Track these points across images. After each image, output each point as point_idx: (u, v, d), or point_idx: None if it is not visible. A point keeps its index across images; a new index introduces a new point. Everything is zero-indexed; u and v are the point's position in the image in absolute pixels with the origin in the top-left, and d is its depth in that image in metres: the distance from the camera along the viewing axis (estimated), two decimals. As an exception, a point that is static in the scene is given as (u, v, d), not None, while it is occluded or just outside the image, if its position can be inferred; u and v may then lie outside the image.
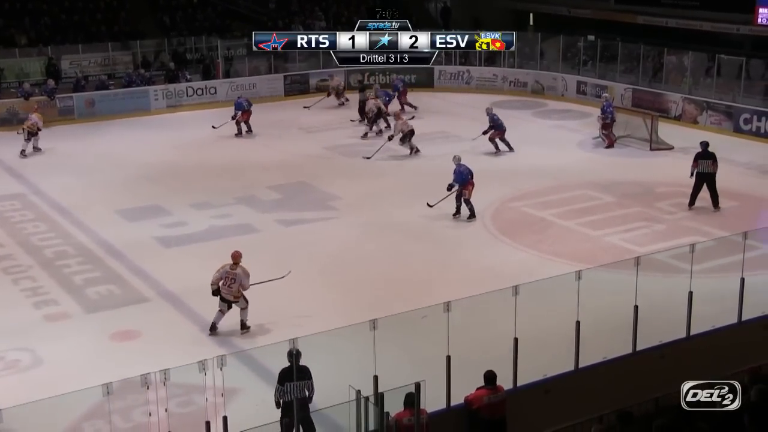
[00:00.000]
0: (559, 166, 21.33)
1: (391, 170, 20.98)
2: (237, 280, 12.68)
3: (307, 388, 9.55)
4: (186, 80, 28.60)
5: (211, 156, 22.61)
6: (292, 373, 9.41)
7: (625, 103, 26.90)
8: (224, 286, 12.70)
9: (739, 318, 11.60)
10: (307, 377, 9.57)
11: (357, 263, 15.65)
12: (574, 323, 10.39)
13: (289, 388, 9.47)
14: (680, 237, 16.07)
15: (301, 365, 9.55)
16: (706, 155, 18.00)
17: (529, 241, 16.53)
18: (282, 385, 9.53)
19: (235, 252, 12.98)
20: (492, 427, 9.52)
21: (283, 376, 9.52)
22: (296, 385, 9.47)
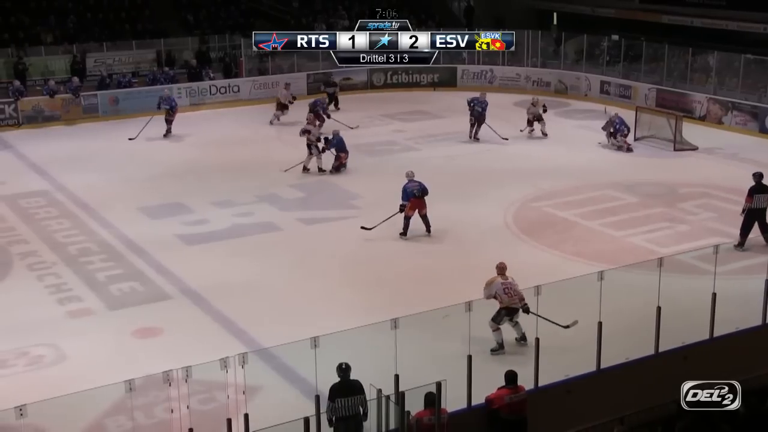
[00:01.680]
0: (581, 166, 21.24)
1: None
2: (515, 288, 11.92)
3: (360, 404, 9.15)
4: (209, 78, 28.72)
5: (234, 154, 22.69)
6: (342, 389, 9.15)
7: (649, 103, 26.74)
8: (509, 297, 11.90)
9: (764, 320, 11.51)
10: (358, 392, 9.17)
11: (378, 262, 15.66)
12: (597, 324, 10.35)
13: (340, 404, 9.07)
14: (704, 238, 15.95)
15: (353, 380, 9.23)
16: (761, 189, 15.80)
17: (552, 241, 16.46)
18: (333, 401, 9.08)
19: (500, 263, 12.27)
20: (513, 427, 9.50)
21: (334, 391, 9.12)
22: (347, 401, 9.10)
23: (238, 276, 14.95)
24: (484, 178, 20.34)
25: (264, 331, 12.64)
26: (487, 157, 22.29)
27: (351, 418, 9.18)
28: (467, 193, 19.38)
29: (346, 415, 9.13)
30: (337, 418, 9.11)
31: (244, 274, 15.01)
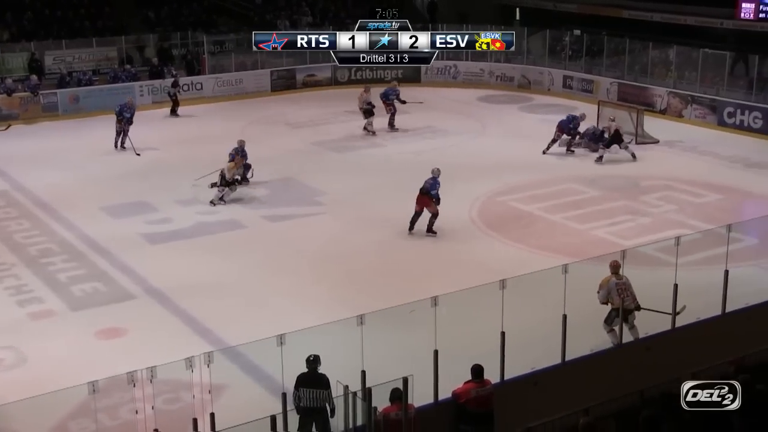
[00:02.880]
0: (545, 161, 21.39)
1: (378, 165, 20.96)
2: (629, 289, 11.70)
3: (326, 400, 9.22)
4: (172, 76, 28.45)
5: (197, 152, 22.52)
6: (307, 380, 9.26)
7: (611, 97, 26.99)
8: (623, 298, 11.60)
9: (723, 310, 11.66)
10: (324, 387, 9.26)
11: (344, 258, 15.65)
12: (561, 316, 10.42)
13: (304, 394, 9.22)
14: (665, 230, 16.13)
15: (320, 373, 9.32)
16: None
17: (516, 235, 16.56)
18: (297, 390, 9.25)
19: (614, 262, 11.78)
20: (479, 421, 9.54)
21: (299, 381, 9.29)
22: (311, 392, 9.21)
23: (203, 274, 14.86)
24: (449, 173, 20.25)
25: (229, 329, 12.58)
26: (452, 153, 22.35)
27: (316, 412, 9.26)
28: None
29: (310, 406, 9.20)
30: (301, 407, 9.21)
31: (209, 273, 14.93)
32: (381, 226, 17.12)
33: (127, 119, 22.58)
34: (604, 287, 11.68)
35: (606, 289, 11.64)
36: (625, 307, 11.62)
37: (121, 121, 22.54)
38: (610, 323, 11.73)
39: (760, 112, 23.96)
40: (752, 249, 14.62)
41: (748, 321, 11.52)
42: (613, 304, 11.63)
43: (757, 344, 10.36)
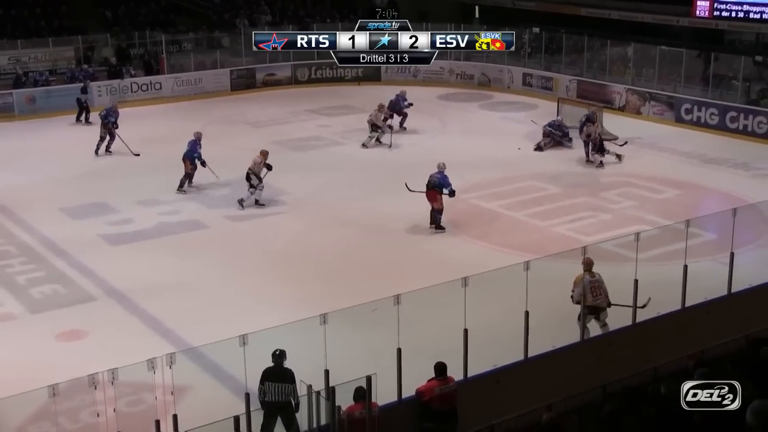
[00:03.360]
0: (506, 158, 21.51)
1: (340, 164, 20.93)
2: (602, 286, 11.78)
3: (291, 394, 9.30)
4: (130, 76, 28.21)
5: (158, 152, 22.31)
6: (272, 374, 9.34)
7: (570, 94, 27.24)
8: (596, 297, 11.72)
9: (683, 304, 11.81)
10: (289, 381, 9.34)
11: (307, 258, 15.61)
12: (523, 313, 10.48)
13: (269, 388, 9.30)
14: (625, 226, 16.30)
15: (286, 368, 9.41)
16: None
17: (478, 233, 16.64)
18: (263, 384, 9.34)
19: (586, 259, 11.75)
20: (443, 418, 9.56)
21: (264, 375, 9.37)
22: (276, 387, 9.31)
23: (164, 275, 14.74)
24: (411, 171, 20.37)
25: (192, 330, 12.48)
26: (414, 151, 22.40)
27: (281, 406, 9.31)
28: (395, 186, 19.42)
29: (276, 401, 9.27)
30: (266, 402, 9.27)
31: (171, 274, 14.81)
32: (343, 225, 17.11)
33: (112, 123, 22.21)
34: (579, 285, 11.73)
35: (581, 287, 11.70)
36: (598, 305, 11.74)
37: (107, 125, 22.16)
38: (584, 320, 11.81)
39: (716, 108, 24.31)
40: (710, 244, 14.82)
41: (707, 315, 11.68)
42: (586, 302, 11.69)
43: (716, 338, 10.53)
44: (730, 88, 25.14)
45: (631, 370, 9.83)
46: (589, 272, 11.79)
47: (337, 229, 16.92)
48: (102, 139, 22.22)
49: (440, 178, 16.72)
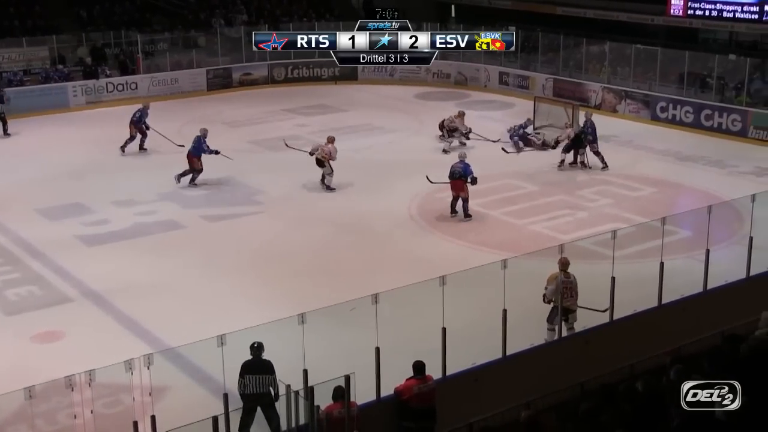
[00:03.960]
0: (482, 157, 21.51)
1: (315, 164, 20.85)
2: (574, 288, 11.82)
3: (270, 385, 9.48)
4: (105, 76, 28.01)
5: (134, 152, 22.20)
6: (251, 367, 9.50)
7: (546, 92, 27.37)
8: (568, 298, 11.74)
9: (659, 301, 11.90)
10: (268, 372, 9.51)
11: (285, 257, 15.58)
12: (501, 311, 10.52)
13: (249, 381, 9.48)
14: (602, 224, 16.39)
15: (265, 360, 9.56)
16: None
17: (456, 231, 16.67)
18: (242, 377, 9.50)
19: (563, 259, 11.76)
20: (421, 417, 9.58)
21: (244, 368, 9.52)
22: (256, 379, 9.49)
23: (141, 276, 14.66)
24: (388, 170, 20.45)
25: (169, 330, 12.42)
26: (391, 150, 22.42)
27: (261, 397, 9.46)
28: (372, 185, 19.49)
29: (256, 392, 9.44)
30: (246, 395, 9.45)
31: (148, 274, 14.73)
32: (320, 224, 17.10)
33: (144, 123, 22.24)
34: (552, 283, 11.77)
35: (554, 285, 11.74)
36: (568, 307, 11.79)
37: (138, 125, 22.14)
38: (551, 321, 11.86)
39: (691, 106, 24.51)
40: (686, 241, 14.93)
41: (684, 312, 11.78)
42: (555, 301, 11.76)
43: (693, 335, 10.61)
44: (704, 87, 25.34)
45: (608, 367, 9.90)
46: (564, 272, 11.83)
47: (314, 228, 16.91)
48: (132, 138, 22.13)
49: (463, 167, 17.28)
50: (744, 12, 26.71)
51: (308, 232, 16.75)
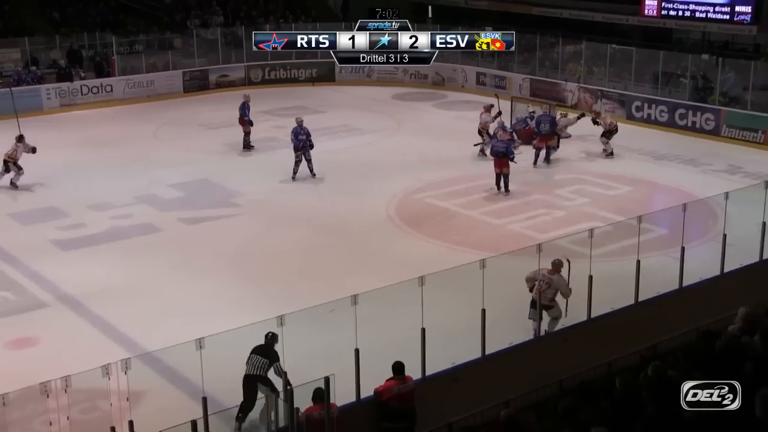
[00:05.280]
0: (460, 157, 21.59)
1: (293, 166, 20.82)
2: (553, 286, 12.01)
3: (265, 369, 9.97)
4: (80, 78, 27.80)
5: (110, 155, 22.05)
6: (258, 350, 10.10)
7: (523, 92, 27.45)
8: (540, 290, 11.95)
9: (636, 299, 11.97)
10: (268, 357, 10.01)
11: (263, 259, 15.53)
12: (480, 311, 10.53)
13: (251, 360, 10.07)
14: (579, 223, 16.46)
15: (271, 347, 10.06)
16: None
17: (434, 232, 16.69)
18: (249, 356, 10.12)
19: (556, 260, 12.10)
20: (402, 417, 9.59)
21: (252, 350, 10.15)
22: (257, 359, 10.04)
23: (118, 280, 14.55)
24: (366, 171, 20.44)
25: (147, 334, 12.35)
26: (368, 151, 22.41)
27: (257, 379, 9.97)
28: (350, 186, 19.48)
29: (252, 373, 10.01)
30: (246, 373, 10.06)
31: (125, 278, 14.64)
32: (299, 225, 17.06)
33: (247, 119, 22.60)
34: (533, 275, 11.93)
35: (533, 274, 11.91)
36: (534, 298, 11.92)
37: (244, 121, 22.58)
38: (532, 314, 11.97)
39: (665, 105, 24.69)
40: (662, 239, 15.03)
41: (660, 309, 11.85)
42: (530, 289, 11.95)
43: (668, 332, 10.67)
44: (678, 86, 25.53)
45: (587, 365, 9.93)
46: (552, 270, 12.02)
47: (292, 230, 16.87)
48: (247, 133, 22.54)
49: (504, 146, 18.81)
50: (716, 12, 26.96)
51: (286, 233, 16.70)
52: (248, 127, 22.46)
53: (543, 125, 21.25)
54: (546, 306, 12.02)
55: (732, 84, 24.57)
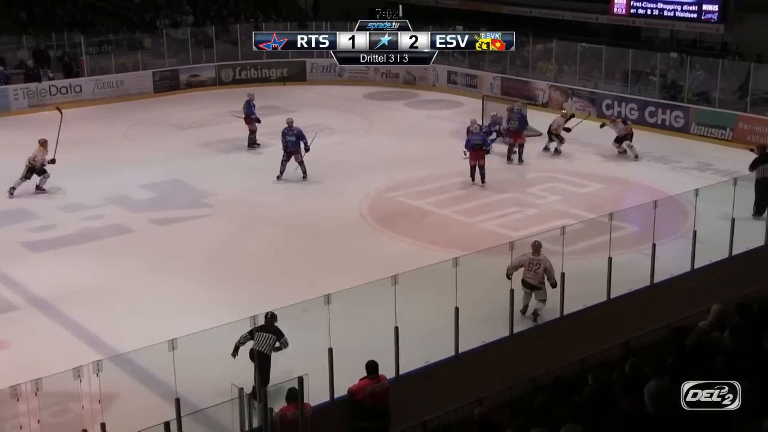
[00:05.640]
0: (432, 156, 21.63)
1: (266, 165, 20.77)
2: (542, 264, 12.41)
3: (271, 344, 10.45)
4: (48, 78, 27.52)
5: (80, 155, 21.83)
6: (262, 327, 10.48)
7: (494, 91, 27.55)
8: (528, 271, 12.45)
9: (608, 295, 12.06)
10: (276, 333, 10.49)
11: (236, 259, 15.46)
12: (453, 309, 10.56)
13: (258, 337, 10.43)
14: (551, 220, 16.54)
15: (272, 323, 10.53)
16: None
17: (407, 230, 16.70)
18: (250, 334, 10.43)
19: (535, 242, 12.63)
20: (376, 417, 9.59)
21: (255, 328, 10.44)
22: (262, 336, 10.43)
23: (89, 281, 14.43)
24: (338, 170, 20.42)
25: (119, 336, 12.24)
26: (340, 150, 22.38)
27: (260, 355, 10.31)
28: (323, 186, 19.46)
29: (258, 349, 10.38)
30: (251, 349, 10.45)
31: (96, 279, 14.51)
32: (271, 225, 17.01)
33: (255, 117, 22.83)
34: (519, 257, 12.32)
35: (518, 260, 12.27)
36: (529, 281, 12.43)
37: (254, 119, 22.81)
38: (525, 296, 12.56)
39: (635, 103, 24.89)
40: (633, 236, 15.14)
41: (632, 305, 11.95)
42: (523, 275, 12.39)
43: (641, 328, 10.76)
44: (648, 84, 25.74)
45: (560, 362, 9.98)
46: (534, 252, 12.44)
47: (265, 230, 16.81)
48: (253, 132, 22.71)
49: (481, 138, 19.46)
50: (683, 11, 27.22)
51: (259, 233, 16.64)
52: (254, 125, 22.63)
53: (512, 122, 21.41)
54: (536, 287, 12.44)
55: (701, 82, 24.81)
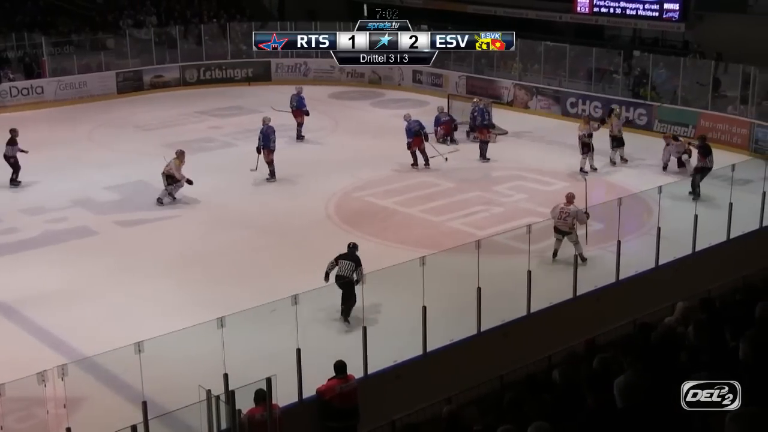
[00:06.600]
0: (398, 155, 21.63)
1: (232, 165, 20.68)
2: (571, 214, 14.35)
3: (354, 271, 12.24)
4: (8, 80, 27.15)
5: (42, 157, 21.55)
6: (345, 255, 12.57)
7: (459, 90, 27.64)
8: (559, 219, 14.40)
9: (575, 293, 12.15)
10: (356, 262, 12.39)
11: (202, 261, 15.37)
12: (421, 308, 10.58)
13: (342, 264, 12.43)
14: (517, 219, 16.63)
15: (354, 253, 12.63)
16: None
17: (374, 230, 16.70)
18: (336, 263, 12.47)
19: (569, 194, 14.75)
20: (345, 416, 9.60)
21: (339, 256, 12.60)
22: (345, 264, 12.39)
23: (53, 284, 14.26)
24: (304, 170, 20.38)
25: (84, 340, 12.13)
26: (306, 149, 22.35)
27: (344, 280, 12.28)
28: (289, 186, 19.41)
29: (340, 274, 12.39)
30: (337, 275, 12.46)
31: (61, 282, 14.35)
32: (238, 226, 16.93)
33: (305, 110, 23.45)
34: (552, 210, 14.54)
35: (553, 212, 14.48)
36: (559, 227, 14.33)
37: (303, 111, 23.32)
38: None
39: (599, 101, 25.10)
40: (598, 233, 15.28)
41: (597, 302, 12.06)
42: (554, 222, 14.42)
43: (607, 324, 10.87)
44: (611, 82, 25.97)
45: (527, 359, 10.06)
46: (566, 203, 14.48)
47: (231, 230, 16.73)
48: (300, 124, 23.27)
49: (418, 125, 20.46)
50: (645, 10, 27.49)
51: (225, 234, 16.56)
52: (302, 118, 23.30)
53: (478, 118, 21.65)
54: (566, 232, 14.26)
55: (664, 80, 25.09)
